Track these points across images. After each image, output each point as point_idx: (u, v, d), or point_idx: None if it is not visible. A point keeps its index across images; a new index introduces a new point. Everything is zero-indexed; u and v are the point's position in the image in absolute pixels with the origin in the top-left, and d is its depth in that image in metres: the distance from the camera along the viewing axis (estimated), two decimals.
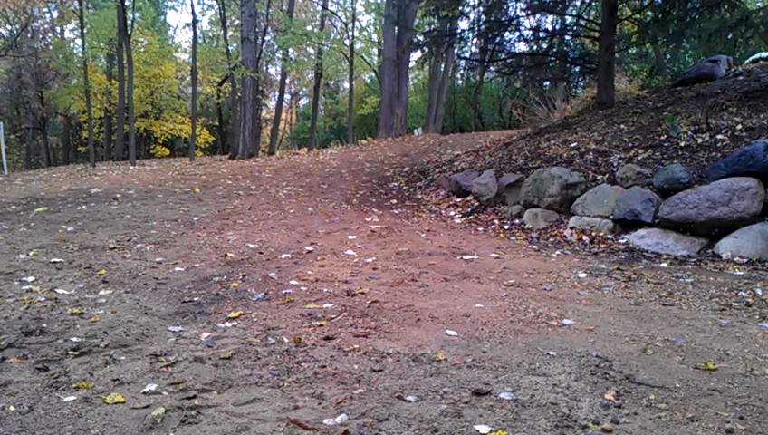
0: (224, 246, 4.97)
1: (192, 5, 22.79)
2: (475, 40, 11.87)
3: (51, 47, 22.87)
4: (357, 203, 7.74)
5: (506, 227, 6.11)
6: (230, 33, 22.65)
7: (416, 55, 17.73)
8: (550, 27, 15.15)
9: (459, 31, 11.19)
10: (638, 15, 9.56)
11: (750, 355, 2.49)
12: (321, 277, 3.94)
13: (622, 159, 6.04)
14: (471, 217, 6.66)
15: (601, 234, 5.27)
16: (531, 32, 10.61)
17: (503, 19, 9.85)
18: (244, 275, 3.97)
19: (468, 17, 11.97)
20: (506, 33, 10.06)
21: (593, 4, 10.87)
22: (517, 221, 6.20)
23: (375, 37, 22.76)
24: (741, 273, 3.99)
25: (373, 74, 24.45)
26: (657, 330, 2.84)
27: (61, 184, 9.36)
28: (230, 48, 19.42)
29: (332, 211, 7.04)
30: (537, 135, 8.75)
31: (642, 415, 1.93)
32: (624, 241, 5.06)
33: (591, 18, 10.86)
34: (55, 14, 23.11)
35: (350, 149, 15.00)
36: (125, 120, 18.15)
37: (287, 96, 31.16)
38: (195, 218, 6.25)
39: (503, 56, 10.32)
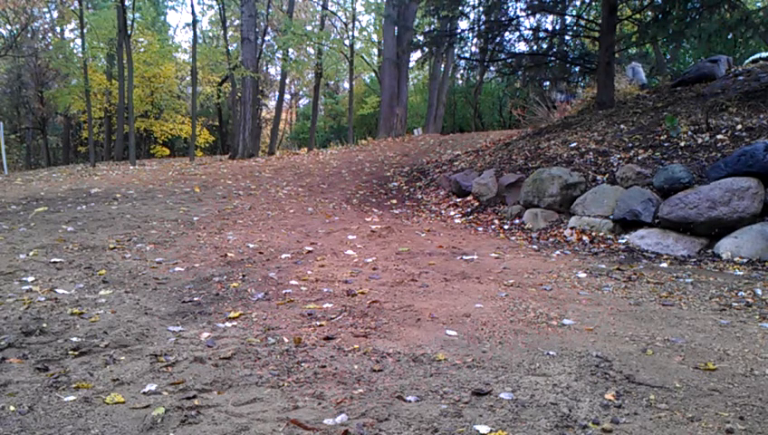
0: (224, 246, 4.97)
1: (192, 5, 22.82)
2: (475, 40, 11.88)
3: (51, 47, 22.87)
4: (357, 203, 7.74)
5: (506, 227, 6.11)
6: (230, 33, 22.65)
7: (416, 55, 17.74)
8: (550, 27, 15.15)
9: (459, 31, 11.19)
10: (638, 15, 9.57)
11: (750, 355, 2.49)
12: (321, 277, 3.94)
13: (622, 159, 6.04)
14: (471, 217, 6.66)
15: (601, 234, 5.27)
16: (531, 32, 10.61)
17: (503, 19, 9.85)
18: (244, 275, 3.98)
19: (468, 17, 11.96)
20: (506, 33, 10.07)
21: (593, 4, 10.88)
22: (517, 221, 6.20)
23: (375, 37, 22.78)
24: (741, 273, 3.99)
25: (373, 74, 24.46)
26: (657, 330, 2.84)
27: (61, 184, 9.36)
28: (230, 48, 19.44)
29: (332, 211, 7.04)
30: (537, 135, 8.75)
31: (642, 415, 1.93)
32: (624, 241, 5.05)
33: (591, 18, 10.87)
34: (55, 14, 23.10)
35: (350, 149, 15.00)
36: (125, 121, 18.15)
37: (287, 96, 31.16)
38: (195, 218, 6.25)
39: (503, 56, 10.33)
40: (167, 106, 23.41)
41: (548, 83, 13.90)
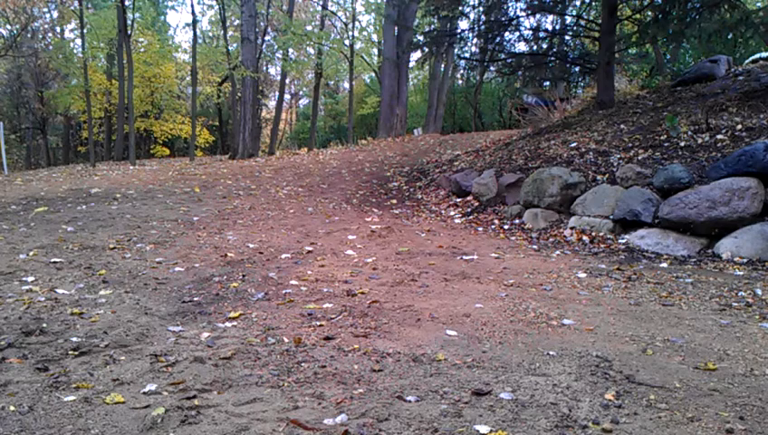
0: (224, 246, 4.97)
1: (192, 5, 22.84)
2: (475, 40, 11.88)
3: (51, 47, 22.86)
4: (357, 203, 7.74)
5: (506, 227, 6.11)
6: (230, 33, 22.62)
7: (416, 55, 17.75)
8: (550, 27, 15.16)
9: (459, 31, 11.19)
10: (638, 15, 9.56)
11: (750, 355, 2.49)
12: (321, 277, 3.94)
13: (622, 159, 6.04)
14: (471, 217, 6.66)
15: (601, 234, 5.27)
16: (531, 32, 10.61)
17: (503, 19, 9.84)
18: (244, 275, 3.97)
19: (468, 17, 11.96)
20: (506, 33, 10.05)
21: (593, 4, 10.87)
22: (517, 221, 6.20)
23: (375, 37, 22.77)
24: (741, 273, 3.99)
25: (373, 74, 24.45)
26: (657, 330, 2.84)
27: (61, 184, 9.36)
28: (230, 48, 19.42)
29: (332, 211, 7.03)
30: (537, 135, 8.75)
31: (642, 415, 1.93)
32: (624, 241, 5.05)
33: (591, 18, 10.86)
34: (55, 14, 23.10)
35: (350, 149, 15.00)
36: (125, 120, 18.15)
37: (287, 96, 31.15)
38: (195, 218, 6.25)
39: (503, 56, 10.32)
40: (167, 106, 23.40)
41: (548, 83, 13.91)
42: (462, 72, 25.20)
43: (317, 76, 20.83)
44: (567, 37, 10.75)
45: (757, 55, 9.22)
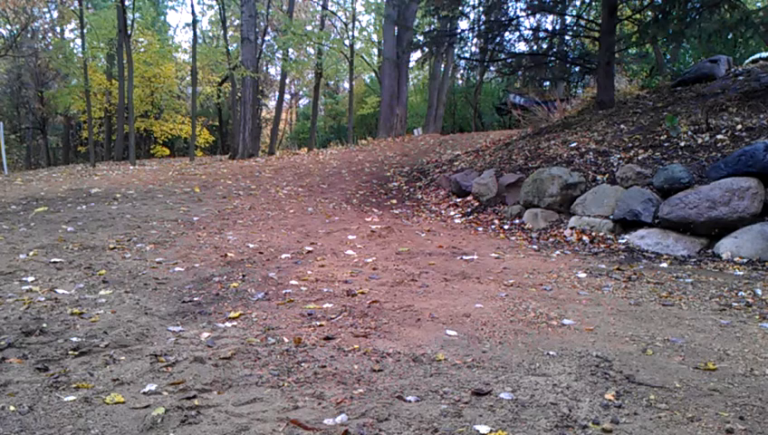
0: (224, 246, 4.97)
1: (192, 5, 22.84)
2: (475, 40, 11.88)
3: (51, 47, 22.85)
4: (357, 203, 7.74)
5: (506, 227, 6.11)
6: (230, 33, 22.61)
7: (416, 55, 17.74)
8: (550, 27, 15.15)
9: (459, 31, 11.19)
10: (638, 15, 9.56)
11: (750, 355, 2.49)
12: (321, 277, 3.94)
13: (622, 159, 6.04)
14: (471, 217, 6.66)
15: (601, 234, 5.27)
16: (531, 32, 10.61)
17: (503, 19, 9.84)
18: (244, 275, 3.97)
19: (468, 17, 11.97)
20: (506, 34, 10.06)
21: (593, 4, 10.87)
22: (517, 221, 6.20)
23: (375, 37, 22.77)
24: (741, 273, 3.99)
25: (373, 74, 24.45)
26: (657, 330, 2.84)
27: (61, 184, 9.36)
28: (230, 48, 19.41)
29: (332, 211, 7.03)
30: (537, 135, 8.75)
31: (642, 415, 1.93)
32: (624, 241, 5.05)
33: (591, 18, 10.86)
34: (55, 14, 23.09)
35: (350, 149, 15.01)
36: (125, 120, 18.14)
37: (287, 96, 31.14)
38: (195, 218, 6.25)
39: (503, 56, 10.32)
40: (167, 106, 23.39)
41: (548, 83, 13.90)
42: (462, 72, 25.21)
43: (317, 76, 20.83)
44: (567, 37, 10.75)
45: (757, 55, 9.21)
